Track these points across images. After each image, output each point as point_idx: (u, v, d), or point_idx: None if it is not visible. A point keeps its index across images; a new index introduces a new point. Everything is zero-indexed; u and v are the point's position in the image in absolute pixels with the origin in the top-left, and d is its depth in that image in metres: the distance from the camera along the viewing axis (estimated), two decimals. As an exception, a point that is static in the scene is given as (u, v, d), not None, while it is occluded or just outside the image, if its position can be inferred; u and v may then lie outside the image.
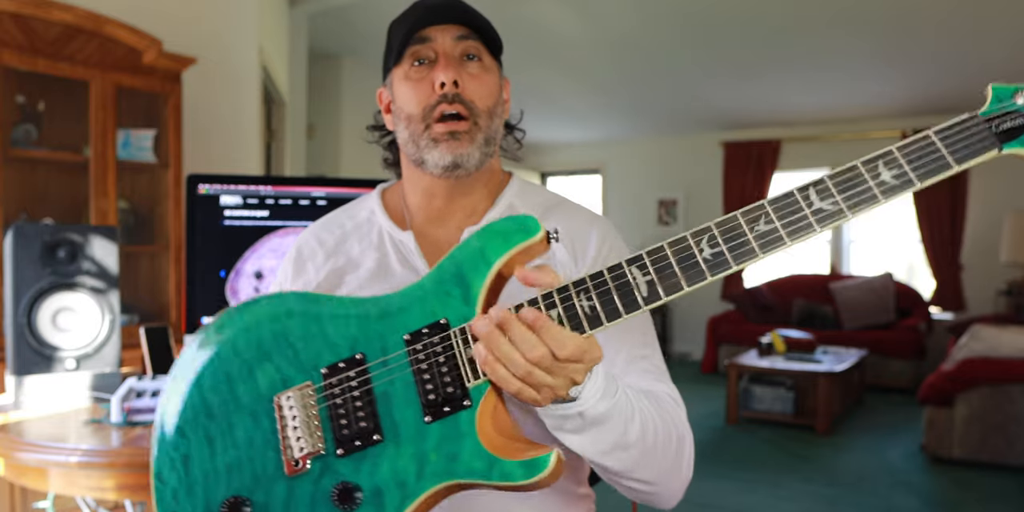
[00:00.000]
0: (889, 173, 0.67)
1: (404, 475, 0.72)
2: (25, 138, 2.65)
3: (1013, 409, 3.77)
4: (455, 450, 0.71)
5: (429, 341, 0.73)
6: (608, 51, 5.27)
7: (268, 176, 2.12)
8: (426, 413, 0.72)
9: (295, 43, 4.71)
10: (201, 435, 0.78)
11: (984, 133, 0.66)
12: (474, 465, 0.70)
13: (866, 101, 6.09)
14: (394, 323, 0.76)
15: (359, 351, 0.76)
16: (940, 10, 4.26)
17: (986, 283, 6.13)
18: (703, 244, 0.69)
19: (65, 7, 2.54)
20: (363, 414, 0.74)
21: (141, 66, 2.84)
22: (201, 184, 1.78)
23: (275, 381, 0.77)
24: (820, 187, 0.67)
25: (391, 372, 0.74)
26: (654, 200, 7.62)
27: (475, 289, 0.73)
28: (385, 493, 0.72)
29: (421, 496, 0.71)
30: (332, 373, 0.76)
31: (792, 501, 3.39)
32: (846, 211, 0.67)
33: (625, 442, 0.78)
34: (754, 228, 0.68)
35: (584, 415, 0.74)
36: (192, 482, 0.77)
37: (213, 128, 3.37)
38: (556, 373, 0.68)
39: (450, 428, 0.71)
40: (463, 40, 0.93)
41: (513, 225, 0.73)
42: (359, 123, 5.64)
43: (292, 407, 0.76)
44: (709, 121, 6.99)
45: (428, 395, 0.72)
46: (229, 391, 0.78)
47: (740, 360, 4.87)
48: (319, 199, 1.83)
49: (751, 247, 0.68)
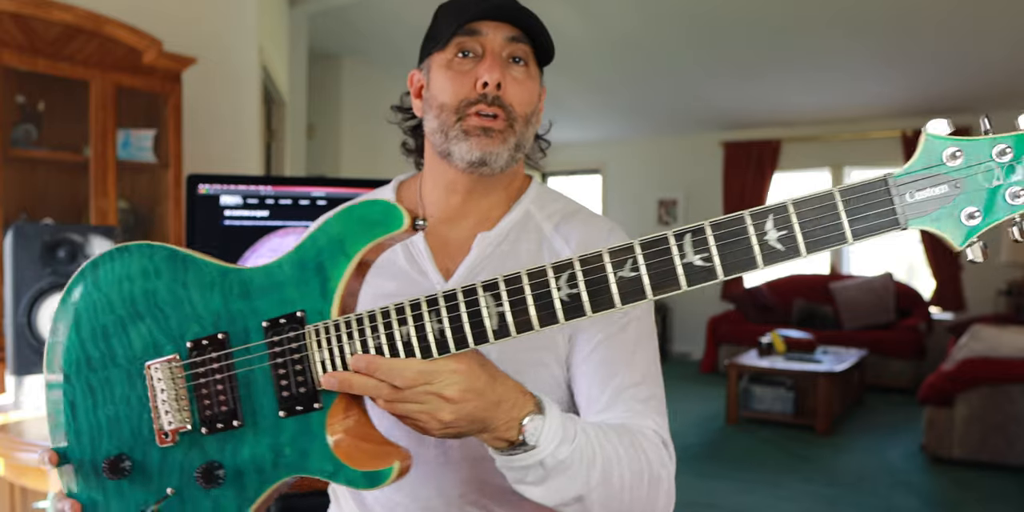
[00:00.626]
0: (776, 234, 0.58)
1: (262, 462, 0.73)
2: (25, 138, 2.65)
3: (1013, 409, 3.77)
4: (307, 448, 0.71)
5: (285, 336, 0.73)
6: (608, 51, 5.27)
7: (268, 176, 2.12)
8: (281, 408, 0.73)
9: (295, 43, 4.71)
10: (84, 383, 0.81)
11: (888, 204, 0.56)
12: (323, 465, 0.71)
13: (866, 101, 6.09)
14: (254, 305, 0.75)
15: (222, 329, 0.76)
16: (940, 10, 4.26)
17: (986, 283, 6.13)
18: (562, 281, 0.64)
19: (65, 7, 2.54)
20: (224, 398, 0.75)
21: (141, 66, 2.84)
22: (201, 184, 1.78)
23: (147, 343, 0.79)
24: (697, 238, 0.60)
25: (251, 362, 0.74)
26: (654, 200, 7.62)
27: (333, 281, 0.72)
28: (245, 476, 0.74)
29: (276, 483, 0.73)
30: (196, 350, 0.76)
31: (792, 501, 3.39)
32: (718, 270, 0.59)
33: (587, 489, 0.76)
34: (618, 273, 0.62)
35: (545, 464, 0.73)
36: (79, 429, 0.81)
37: (213, 128, 3.37)
38: (411, 400, 0.68)
39: (303, 426, 0.72)
40: (514, 42, 0.90)
41: (376, 214, 0.70)
42: (359, 123, 5.66)
43: (160, 379, 0.77)
44: (709, 121, 6.99)
45: (282, 391, 0.72)
46: (106, 345, 0.80)
47: (740, 360, 4.87)
48: (319, 199, 1.83)
49: (609, 295, 0.62)
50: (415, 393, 0.68)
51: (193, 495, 0.76)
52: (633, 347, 0.90)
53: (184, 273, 0.78)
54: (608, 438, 0.79)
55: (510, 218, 0.96)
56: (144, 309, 0.79)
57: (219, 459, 0.75)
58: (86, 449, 0.80)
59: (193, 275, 0.78)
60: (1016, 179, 0.54)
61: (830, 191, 0.57)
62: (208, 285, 0.77)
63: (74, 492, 0.81)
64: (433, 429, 0.70)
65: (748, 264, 0.59)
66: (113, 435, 0.79)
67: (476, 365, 0.70)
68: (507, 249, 0.94)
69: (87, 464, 0.80)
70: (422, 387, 0.68)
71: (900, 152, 6.39)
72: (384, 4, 4.49)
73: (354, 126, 5.54)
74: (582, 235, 0.95)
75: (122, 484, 0.78)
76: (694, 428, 4.69)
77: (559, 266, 0.64)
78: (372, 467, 0.69)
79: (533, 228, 0.96)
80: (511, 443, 0.73)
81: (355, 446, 0.72)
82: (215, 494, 0.75)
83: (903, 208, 0.56)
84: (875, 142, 6.57)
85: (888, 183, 0.56)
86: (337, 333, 0.71)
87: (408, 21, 4.38)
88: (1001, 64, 5.04)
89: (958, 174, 0.55)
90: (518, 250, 0.94)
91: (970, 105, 5.97)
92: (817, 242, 0.57)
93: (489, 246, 0.94)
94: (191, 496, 0.76)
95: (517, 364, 0.88)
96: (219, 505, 0.75)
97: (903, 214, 0.56)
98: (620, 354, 0.89)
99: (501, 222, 0.96)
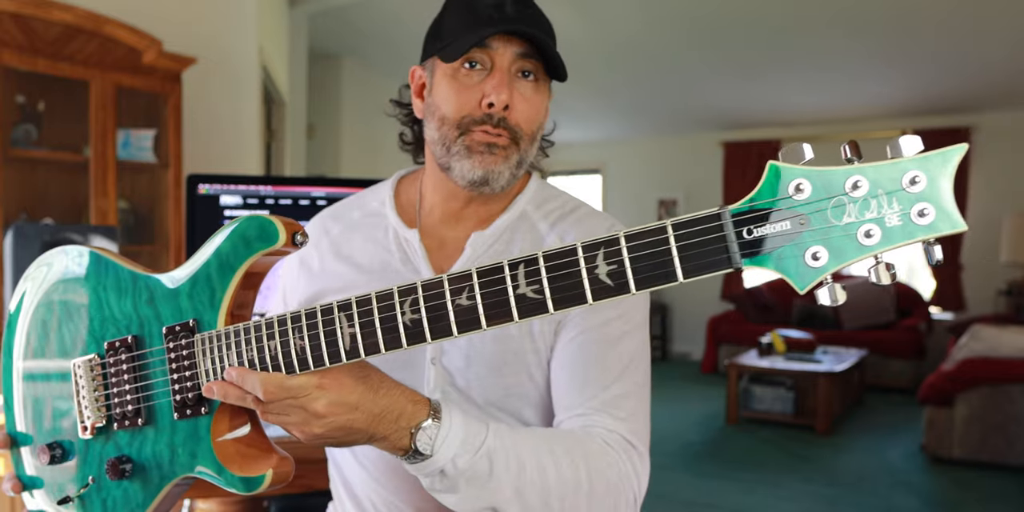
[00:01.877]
0: (607, 268, 0.55)
1: (160, 459, 0.78)
2: (25, 138, 2.65)
3: (1013, 409, 3.77)
4: (195, 449, 0.75)
5: (179, 342, 0.76)
6: (608, 51, 5.27)
7: (268, 176, 2.12)
8: (175, 410, 0.76)
9: (295, 43, 4.70)
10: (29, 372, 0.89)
11: (720, 242, 0.52)
12: (209, 467, 0.74)
13: (866, 101, 6.09)
14: (157, 311, 0.79)
15: (133, 332, 0.80)
16: (940, 10, 4.26)
17: (986, 283, 6.13)
18: (406, 306, 0.63)
19: (65, 7, 2.54)
20: (131, 398, 0.79)
21: (141, 66, 2.84)
22: (201, 184, 1.78)
23: (75, 342, 0.85)
24: (531, 268, 0.58)
25: (154, 364, 0.79)
26: (654, 200, 7.63)
27: (220, 294, 0.75)
28: (149, 470, 0.79)
29: (174, 480, 0.77)
30: (111, 350, 0.81)
31: (792, 501, 3.39)
32: (549, 304, 0.57)
33: (501, 499, 0.75)
34: (456, 301, 0.61)
35: (445, 472, 0.72)
36: (26, 414, 0.89)
37: (213, 128, 3.37)
38: (277, 412, 0.70)
39: (192, 429, 0.75)
40: (524, 58, 0.87)
41: (254, 231, 0.72)
42: (359, 123, 5.66)
43: (82, 376, 0.83)
44: (709, 121, 6.99)
45: (175, 395, 0.76)
46: (45, 337, 0.87)
47: (740, 360, 4.87)
48: (319, 199, 1.83)
49: (447, 323, 0.61)
50: (280, 406, 0.69)
51: (108, 484, 0.81)
52: (614, 344, 0.88)
53: (105, 277, 0.84)
54: (545, 448, 0.77)
55: (505, 218, 0.95)
56: (74, 310, 0.85)
57: (128, 453, 0.80)
58: (28, 435, 0.89)
59: (111, 280, 0.83)
60: (870, 216, 0.49)
61: (663, 224, 0.53)
62: (122, 290, 0.82)
63: (20, 473, 0.89)
64: (305, 439, 0.71)
65: (577, 298, 0.56)
66: (51, 423, 0.86)
67: (349, 379, 0.70)
68: (501, 249, 0.94)
69: (32, 448, 0.88)
70: (287, 401, 0.69)
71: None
72: (384, 4, 4.49)
73: (354, 126, 5.54)
74: (579, 233, 0.94)
75: (55, 469, 0.85)
76: (694, 428, 4.69)
77: (404, 290, 0.64)
78: (249, 473, 0.72)
79: (528, 228, 0.95)
80: (405, 451, 0.73)
81: (238, 451, 0.75)
82: (124, 485, 0.80)
83: (738, 245, 0.51)
84: (875, 142, 6.53)
85: (722, 218, 0.52)
86: (218, 343, 0.73)
87: (408, 21, 4.38)
88: (1001, 64, 5.03)
89: (804, 209, 0.50)
90: (512, 250, 0.93)
91: (970, 105, 5.97)
92: (646, 279, 0.53)
93: (483, 246, 0.93)
94: (106, 485, 0.81)
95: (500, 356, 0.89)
96: (128, 495, 0.80)
97: (736, 253, 0.51)
98: (596, 351, 0.87)
99: (496, 222, 0.95)
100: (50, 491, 0.86)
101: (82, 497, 0.83)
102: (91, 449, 0.83)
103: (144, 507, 0.79)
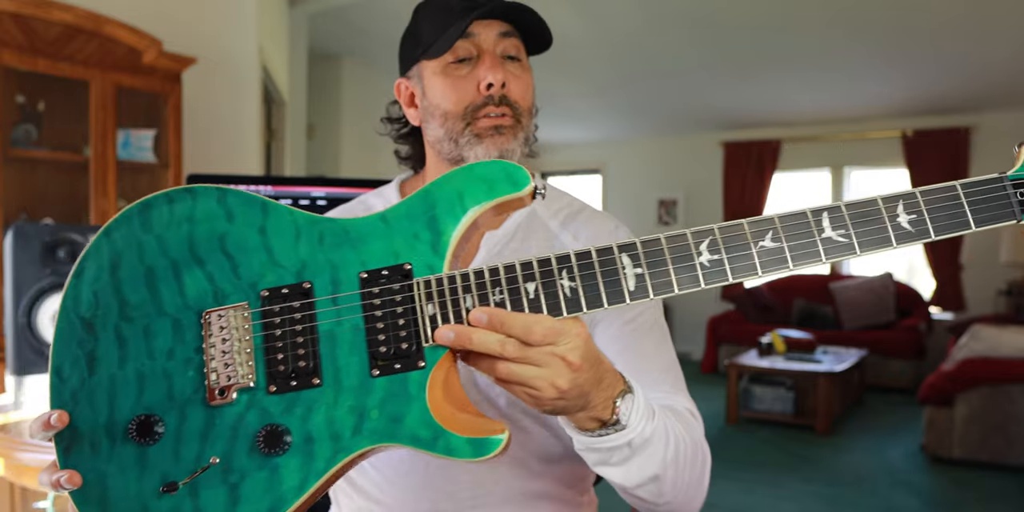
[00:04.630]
0: (907, 217, 0.63)
1: (340, 428, 0.64)
2: (25, 138, 2.65)
3: (1013, 409, 3.77)
4: (400, 412, 0.63)
5: (388, 287, 0.66)
6: (609, 51, 5.27)
7: (268, 176, 2.12)
8: (373, 366, 0.65)
9: (295, 43, 4.70)
10: (111, 333, 0.69)
11: (1004, 199, 0.63)
12: (419, 432, 0.63)
13: (866, 101, 6.09)
14: (349, 255, 0.68)
15: (306, 279, 0.68)
16: (940, 10, 4.26)
17: (986, 283, 6.13)
18: (703, 247, 0.64)
19: (65, 7, 2.54)
20: (303, 352, 0.66)
21: (141, 66, 2.84)
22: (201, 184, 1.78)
23: (205, 291, 0.69)
24: (835, 215, 0.64)
25: (340, 312, 0.67)
26: (654, 200, 7.62)
27: (446, 236, 0.67)
28: (317, 443, 0.64)
29: (355, 453, 0.63)
30: (273, 298, 0.68)
31: (792, 501, 3.39)
32: (856, 247, 0.63)
33: (663, 466, 0.76)
34: (759, 243, 0.64)
35: (632, 443, 0.72)
36: (95, 385, 0.68)
37: (213, 128, 3.37)
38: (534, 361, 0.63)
39: (398, 387, 0.64)
40: (506, 38, 0.90)
41: (501, 173, 0.67)
42: (359, 123, 5.66)
43: (223, 328, 0.68)
44: (709, 121, 6.99)
45: (379, 347, 0.65)
46: (148, 290, 0.69)
47: (740, 360, 4.87)
48: (319, 199, 1.83)
49: (752, 262, 0.64)
50: (541, 353, 0.62)
51: (243, 465, 0.64)
52: (654, 330, 0.92)
53: (263, 218, 0.70)
54: (668, 416, 0.80)
55: (516, 217, 0.96)
56: (206, 254, 0.70)
57: (284, 423, 0.64)
58: (100, 411, 0.67)
59: (274, 221, 0.70)
60: None
61: (953, 184, 0.63)
62: (293, 232, 0.70)
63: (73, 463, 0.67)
64: (547, 398, 0.64)
65: (883, 242, 0.63)
66: (144, 395, 0.67)
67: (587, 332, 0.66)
68: (516, 247, 0.95)
69: (99, 429, 0.67)
70: (548, 347, 0.62)
71: (900, 152, 6.39)
72: (384, 4, 4.49)
73: (354, 126, 5.54)
74: (590, 233, 0.96)
75: (146, 452, 0.65)
76: (694, 428, 4.68)
77: (699, 232, 0.65)
78: (477, 435, 0.62)
79: (539, 226, 0.97)
80: (603, 423, 0.70)
81: (453, 414, 0.64)
82: (274, 463, 0.63)
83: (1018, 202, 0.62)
84: (875, 142, 6.57)
85: (1003, 181, 0.63)
86: (452, 286, 0.65)
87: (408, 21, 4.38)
88: (1002, 64, 5.03)
89: None
90: (528, 248, 0.95)
91: (970, 105, 5.97)
92: (943, 227, 0.63)
93: (497, 245, 0.94)
94: (240, 466, 0.64)
95: None
96: (276, 477, 0.63)
97: (1017, 208, 0.62)
98: (642, 339, 0.91)
99: (507, 221, 0.96)
100: (131, 482, 0.65)
101: (194, 483, 0.64)
102: (219, 420, 0.66)
103: (300, 492, 0.62)
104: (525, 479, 0.90)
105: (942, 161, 6.11)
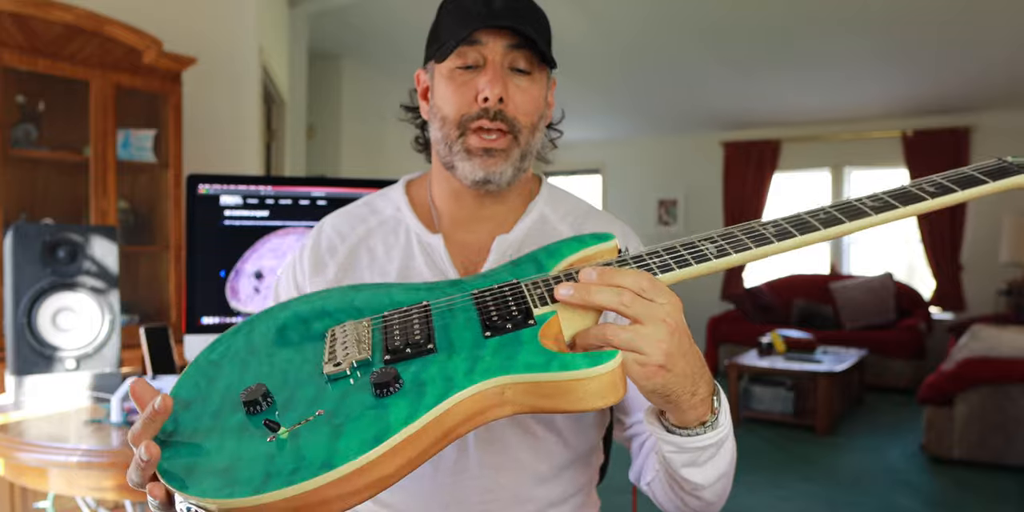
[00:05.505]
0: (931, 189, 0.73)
1: (452, 372, 0.65)
2: (25, 138, 2.66)
3: (1013, 409, 3.77)
4: (513, 352, 0.66)
5: (500, 291, 0.74)
6: (609, 51, 5.27)
7: (268, 176, 2.12)
8: (486, 330, 0.69)
9: (295, 43, 4.71)
10: (236, 364, 0.73)
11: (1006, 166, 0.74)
12: (532, 359, 0.65)
13: (866, 101, 6.09)
14: (464, 287, 0.77)
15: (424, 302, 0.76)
16: (940, 10, 4.26)
17: (986, 283, 6.13)
18: (768, 227, 0.72)
19: (65, 7, 2.55)
20: (418, 329, 0.70)
21: (141, 66, 2.84)
22: (201, 184, 1.78)
23: (329, 326, 0.75)
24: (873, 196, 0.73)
25: (454, 312, 0.73)
26: (654, 200, 7.63)
27: (548, 267, 0.77)
28: (428, 384, 0.64)
29: (468, 388, 0.63)
30: (394, 313, 0.75)
31: (792, 501, 3.39)
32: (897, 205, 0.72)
33: (730, 465, 0.79)
34: (815, 215, 0.72)
35: (719, 442, 0.74)
36: (211, 391, 0.69)
37: (213, 128, 3.37)
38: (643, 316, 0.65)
39: (510, 339, 0.68)
40: (515, 50, 0.88)
41: (588, 236, 0.79)
42: (359, 123, 5.66)
43: (346, 331, 0.72)
44: (709, 121, 6.99)
45: (492, 318, 0.69)
46: (277, 335, 0.75)
47: (740, 360, 4.87)
48: (319, 199, 1.83)
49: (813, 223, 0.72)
50: (647, 306, 0.65)
51: (350, 410, 0.63)
52: None
53: (387, 286, 0.82)
54: None
55: (526, 220, 0.97)
56: (335, 309, 0.78)
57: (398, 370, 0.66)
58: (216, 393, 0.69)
59: (396, 286, 0.82)
60: None
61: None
62: (412, 288, 0.80)
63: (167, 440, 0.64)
64: (653, 363, 0.65)
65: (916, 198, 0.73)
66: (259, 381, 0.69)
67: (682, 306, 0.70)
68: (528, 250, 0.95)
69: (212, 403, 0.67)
70: (655, 304, 0.66)
71: (900, 152, 6.39)
72: (384, 4, 4.49)
73: (354, 126, 5.54)
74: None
75: (248, 422, 0.64)
76: (694, 428, 4.68)
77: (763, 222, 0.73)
78: (592, 350, 0.66)
79: (550, 229, 0.97)
80: (702, 422, 0.73)
81: (563, 349, 0.68)
82: (384, 403, 0.62)
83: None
84: (875, 142, 6.57)
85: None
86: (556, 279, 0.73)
87: (408, 21, 4.38)
88: (1002, 64, 5.03)
89: None
90: None
91: (970, 105, 5.97)
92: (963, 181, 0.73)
93: (509, 248, 0.94)
94: (347, 411, 0.63)
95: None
96: (383, 413, 0.61)
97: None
98: None
99: (518, 224, 0.96)
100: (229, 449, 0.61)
101: (297, 432, 0.61)
102: (330, 388, 0.66)
103: (407, 422, 0.60)
104: (534, 485, 0.90)
105: (942, 161, 6.11)
